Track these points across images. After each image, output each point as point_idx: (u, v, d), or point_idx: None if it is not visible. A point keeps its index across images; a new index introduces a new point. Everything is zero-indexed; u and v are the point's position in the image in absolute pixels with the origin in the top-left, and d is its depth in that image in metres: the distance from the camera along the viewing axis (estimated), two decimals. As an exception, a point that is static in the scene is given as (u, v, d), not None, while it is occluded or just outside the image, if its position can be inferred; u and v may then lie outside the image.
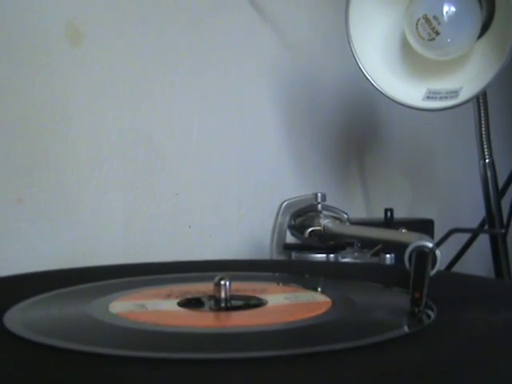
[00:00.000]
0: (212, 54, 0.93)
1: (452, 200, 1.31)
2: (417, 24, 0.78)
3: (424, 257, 0.46)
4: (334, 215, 0.81)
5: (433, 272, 0.49)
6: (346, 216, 0.81)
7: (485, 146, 0.94)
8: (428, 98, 0.80)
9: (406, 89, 0.82)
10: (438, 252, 0.49)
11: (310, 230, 0.79)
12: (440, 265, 0.50)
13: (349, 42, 0.80)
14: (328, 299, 0.47)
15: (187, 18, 0.90)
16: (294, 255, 0.79)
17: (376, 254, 0.76)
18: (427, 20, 0.77)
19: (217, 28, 0.94)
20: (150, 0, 0.86)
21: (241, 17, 0.97)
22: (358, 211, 1.10)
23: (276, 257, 0.80)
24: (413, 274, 0.44)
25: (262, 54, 1.00)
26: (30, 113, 0.75)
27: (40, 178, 0.76)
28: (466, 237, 1.08)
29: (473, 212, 1.10)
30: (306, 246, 0.79)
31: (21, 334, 0.38)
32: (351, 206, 1.04)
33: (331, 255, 0.76)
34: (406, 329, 0.41)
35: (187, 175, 0.90)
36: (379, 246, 0.75)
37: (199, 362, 0.33)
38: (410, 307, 0.43)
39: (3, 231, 0.73)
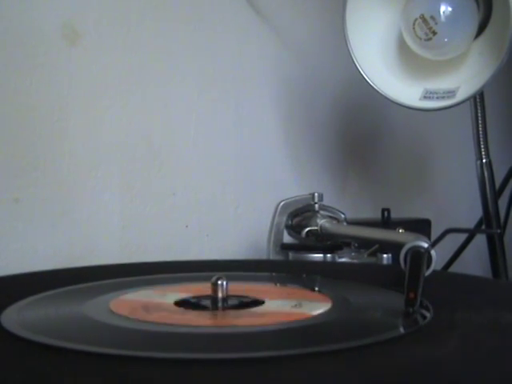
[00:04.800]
0: (210, 53, 0.93)
1: (449, 200, 1.31)
2: (414, 24, 0.78)
3: (419, 257, 0.46)
4: (331, 215, 0.81)
5: (428, 272, 0.49)
6: (343, 216, 0.81)
7: (482, 146, 0.94)
8: (425, 97, 0.80)
9: (403, 88, 0.82)
10: (433, 252, 0.49)
11: (307, 229, 0.79)
12: (437, 265, 0.51)
13: (346, 41, 0.80)
14: (325, 299, 0.47)
15: (185, 18, 0.90)
16: (291, 255, 0.79)
17: (373, 254, 0.76)
18: (424, 20, 0.77)
19: (215, 28, 0.94)
20: (147, 0, 0.86)
21: (239, 17, 0.97)
22: (355, 211, 1.10)
23: (273, 257, 0.80)
24: (407, 274, 0.45)
25: (260, 54, 1.00)
26: (27, 113, 0.75)
27: (37, 177, 0.76)
28: (463, 237, 1.09)
29: (470, 212, 1.10)
30: (303, 245, 0.79)
31: (18, 333, 0.38)
32: (348, 206, 1.04)
33: (328, 255, 0.77)
34: (400, 329, 0.41)
35: (184, 175, 0.90)
36: (376, 246, 0.75)
37: (196, 362, 0.33)
38: (405, 307, 0.43)
39: (0, 231, 0.73)
